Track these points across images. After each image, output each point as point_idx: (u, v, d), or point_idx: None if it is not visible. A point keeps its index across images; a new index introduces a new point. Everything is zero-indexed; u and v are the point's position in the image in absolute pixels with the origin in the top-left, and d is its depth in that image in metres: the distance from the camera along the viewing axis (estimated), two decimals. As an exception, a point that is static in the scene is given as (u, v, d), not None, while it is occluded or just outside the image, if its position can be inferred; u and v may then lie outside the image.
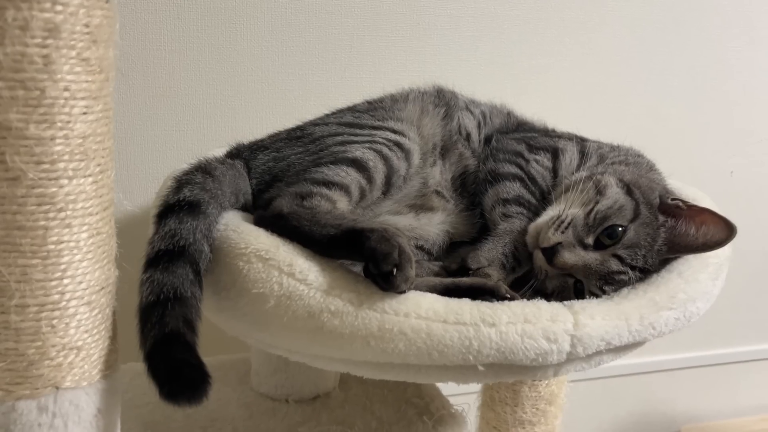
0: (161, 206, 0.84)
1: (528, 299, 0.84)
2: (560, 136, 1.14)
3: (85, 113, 0.66)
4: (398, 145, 1.00)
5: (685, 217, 0.92)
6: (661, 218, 0.93)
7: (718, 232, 0.89)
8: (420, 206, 1.03)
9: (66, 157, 0.66)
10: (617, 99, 1.81)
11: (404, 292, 0.77)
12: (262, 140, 1.07)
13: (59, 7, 0.62)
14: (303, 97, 1.56)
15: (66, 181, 0.66)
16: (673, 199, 0.95)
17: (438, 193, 1.06)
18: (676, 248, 0.92)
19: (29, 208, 0.65)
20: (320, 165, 0.93)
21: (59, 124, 0.65)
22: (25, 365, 0.68)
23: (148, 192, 1.48)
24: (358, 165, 0.93)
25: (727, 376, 2.19)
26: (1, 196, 0.64)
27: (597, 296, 0.90)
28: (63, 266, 0.68)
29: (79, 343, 0.71)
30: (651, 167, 1.09)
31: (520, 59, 1.71)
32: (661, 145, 1.18)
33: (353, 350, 0.78)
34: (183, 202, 0.83)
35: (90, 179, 0.69)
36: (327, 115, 1.16)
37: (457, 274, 0.91)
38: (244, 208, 0.96)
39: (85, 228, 0.69)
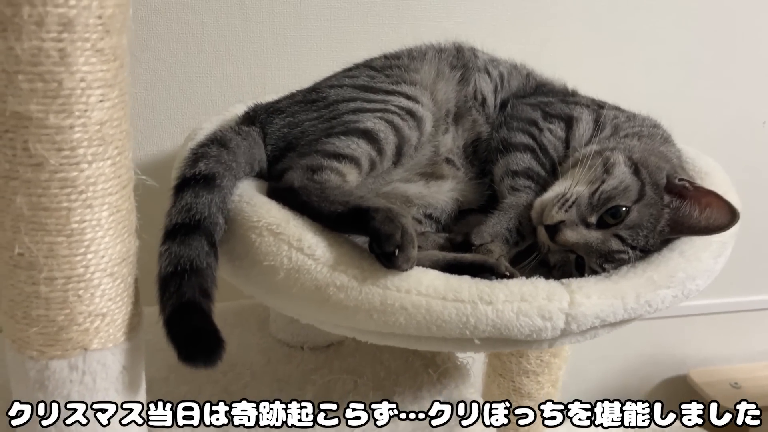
0: (178, 179, 0.87)
1: (531, 271, 0.87)
2: (577, 102, 1.12)
3: (101, 101, 0.69)
4: (411, 113, 1.00)
5: (690, 197, 0.92)
6: (667, 198, 0.93)
7: (721, 216, 0.89)
8: (430, 174, 1.05)
9: (85, 144, 0.69)
10: (647, 47, 1.75)
11: (405, 270, 0.80)
12: (278, 102, 1.08)
13: (73, 2, 0.63)
14: (325, 44, 1.55)
15: (86, 166, 0.70)
16: (680, 180, 0.94)
17: (449, 160, 1.07)
18: (678, 229, 0.93)
19: (53, 191, 0.69)
20: (332, 135, 0.95)
21: (77, 113, 0.67)
22: (56, 330, 0.74)
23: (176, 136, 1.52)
24: (369, 136, 0.95)
25: (737, 323, 2.21)
26: (26, 180, 0.68)
27: (597, 273, 0.92)
28: (86, 243, 0.73)
29: (104, 311, 0.76)
30: (666, 139, 1.07)
31: (545, 2, 1.66)
32: (693, 95, 1.14)
33: (357, 321, 0.83)
34: (198, 176, 0.86)
35: (109, 162, 0.72)
36: (344, 72, 1.15)
37: (461, 247, 0.94)
38: (260, 175, 0.99)
39: (105, 207, 0.73)
